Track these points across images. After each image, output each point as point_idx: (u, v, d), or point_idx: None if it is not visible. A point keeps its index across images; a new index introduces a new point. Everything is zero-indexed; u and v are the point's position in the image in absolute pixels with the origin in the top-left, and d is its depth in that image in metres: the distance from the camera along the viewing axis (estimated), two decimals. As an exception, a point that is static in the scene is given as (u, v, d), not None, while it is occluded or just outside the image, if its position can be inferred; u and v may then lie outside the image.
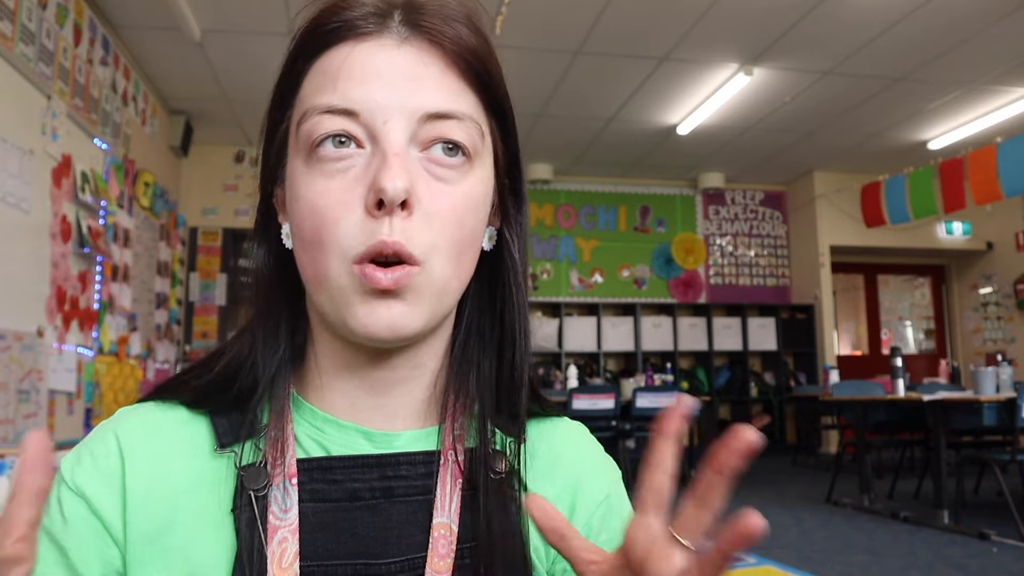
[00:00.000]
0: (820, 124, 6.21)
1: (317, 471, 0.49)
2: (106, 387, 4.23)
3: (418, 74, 0.47)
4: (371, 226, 0.45)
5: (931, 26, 4.52)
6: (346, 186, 0.46)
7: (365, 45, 0.47)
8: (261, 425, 0.50)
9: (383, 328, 0.46)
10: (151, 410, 0.52)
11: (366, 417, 0.52)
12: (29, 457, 0.33)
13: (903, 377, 4.44)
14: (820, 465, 6.55)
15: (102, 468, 0.48)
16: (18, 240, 3.22)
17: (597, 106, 5.81)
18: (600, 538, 0.55)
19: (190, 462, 0.49)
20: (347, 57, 0.47)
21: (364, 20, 0.47)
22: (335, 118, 0.46)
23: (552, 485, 0.55)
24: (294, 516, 0.47)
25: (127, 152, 4.69)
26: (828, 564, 3.15)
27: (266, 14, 4.32)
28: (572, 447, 0.59)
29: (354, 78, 0.46)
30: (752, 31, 4.62)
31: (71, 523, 0.47)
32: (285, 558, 0.46)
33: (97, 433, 0.51)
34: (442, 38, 0.47)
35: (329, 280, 0.47)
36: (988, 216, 7.61)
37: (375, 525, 0.49)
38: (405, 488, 0.50)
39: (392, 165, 0.45)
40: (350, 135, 0.46)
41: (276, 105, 0.51)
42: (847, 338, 8.52)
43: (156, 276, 5.32)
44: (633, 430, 5.51)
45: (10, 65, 3.17)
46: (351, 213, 0.46)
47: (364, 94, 0.46)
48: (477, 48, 0.49)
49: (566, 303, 7.35)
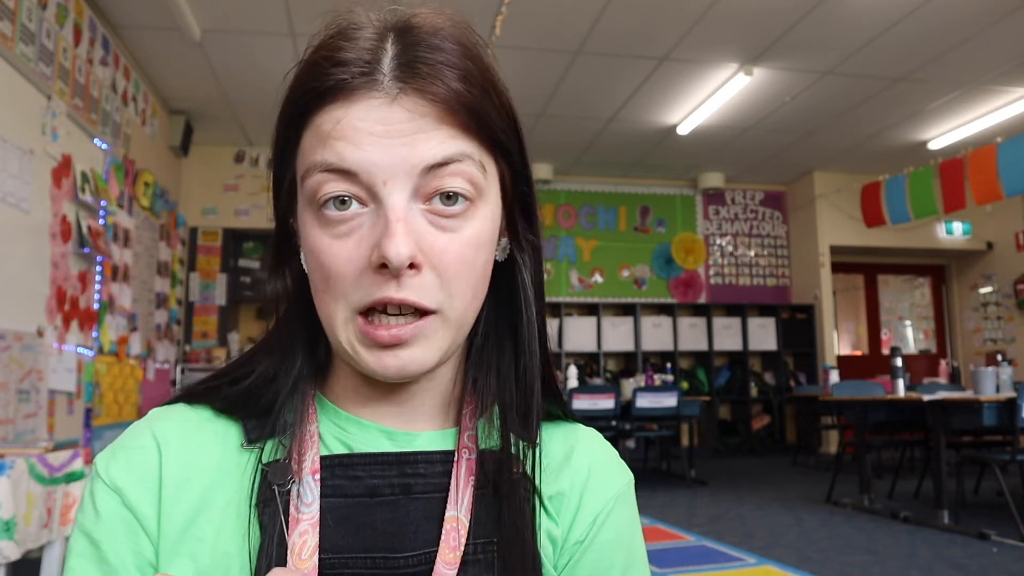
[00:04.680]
0: (820, 124, 6.21)
1: (339, 467, 0.51)
2: (106, 387, 4.23)
3: (412, 129, 0.47)
4: (377, 283, 0.47)
5: (931, 26, 4.52)
6: (352, 247, 0.47)
7: (357, 107, 0.47)
8: (287, 424, 0.53)
9: (394, 373, 0.49)
10: (183, 411, 0.54)
11: (387, 418, 0.54)
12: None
13: (903, 377, 4.44)
14: (820, 465, 6.55)
15: (137, 463, 0.50)
16: (18, 240, 3.22)
17: (597, 106, 5.81)
18: (601, 536, 0.56)
19: (219, 457, 0.52)
20: (341, 120, 0.47)
21: (352, 79, 0.47)
22: (335, 178, 0.47)
23: (560, 483, 0.57)
24: (315, 510, 0.49)
25: (127, 152, 4.69)
26: (828, 564, 3.15)
27: (266, 14, 4.31)
28: (585, 449, 0.59)
29: (348, 139, 0.46)
30: (752, 31, 4.62)
31: (104, 517, 0.49)
32: (305, 550, 0.47)
33: (133, 431, 0.53)
34: (432, 92, 0.47)
35: (336, 326, 0.49)
36: (988, 216, 7.61)
37: (393, 520, 0.50)
38: (423, 485, 0.52)
39: (395, 232, 0.45)
40: (352, 195, 0.47)
41: (278, 157, 0.53)
42: (847, 338, 8.52)
43: (156, 276, 5.32)
44: (633, 430, 5.52)
45: (10, 65, 3.17)
46: (357, 271, 0.47)
47: (360, 155, 0.46)
48: (469, 89, 0.48)
49: (566, 303, 7.35)
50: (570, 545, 0.55)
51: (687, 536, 3.73)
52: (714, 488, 5.31)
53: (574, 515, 0.56)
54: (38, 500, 2.11)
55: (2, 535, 1.94)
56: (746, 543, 3.54)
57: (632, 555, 0.58)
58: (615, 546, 0.56)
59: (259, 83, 5.17)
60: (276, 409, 0.53)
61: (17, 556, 1.98)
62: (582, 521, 0.56)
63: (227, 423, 0.53)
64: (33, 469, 2.13)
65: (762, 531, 3.83)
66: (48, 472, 2.19)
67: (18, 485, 2.03)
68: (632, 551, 0.58)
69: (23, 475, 2.07)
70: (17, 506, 2.00)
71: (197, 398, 0.55)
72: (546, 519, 0.55)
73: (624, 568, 0.56)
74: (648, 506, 4.52)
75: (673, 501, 4.75)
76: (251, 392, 0.54)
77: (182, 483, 0.50)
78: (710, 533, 3.77)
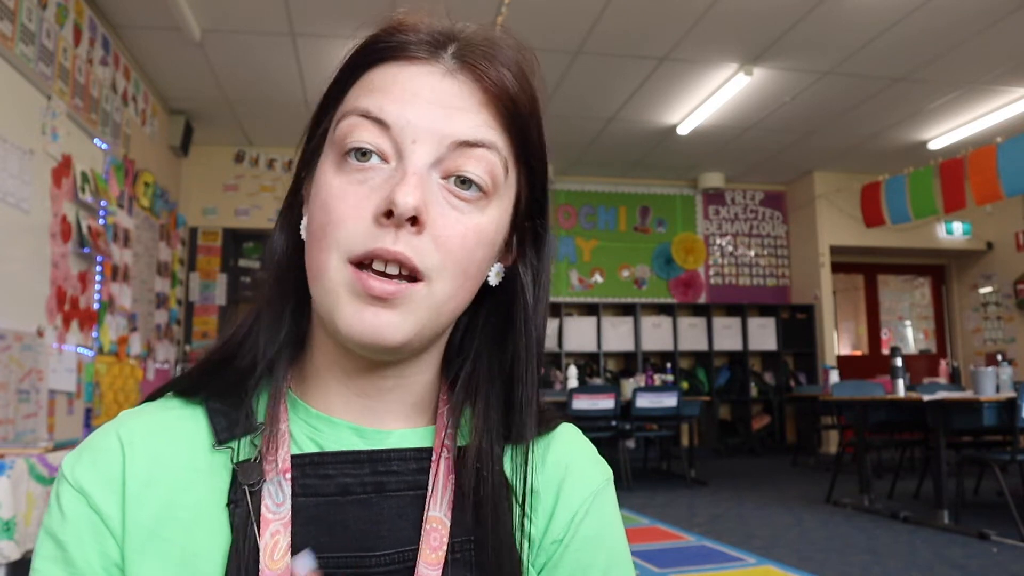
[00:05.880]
0: (820, 124, 6.21)
1: (310, 466, 0.51)
2: (106, 387, 4.23)
3: (456, 105, 0.49)
4: (375, 233, 0.47)
5: (931, 26, 4.52)
6: (363, 194, 0.48)
7: (412, 68, 0.49)
8: (257, 423, 0.52)
9: (368, 332, 0.47)
10: (151, 410, 0.54)
11: (358, 416, 0.54)
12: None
13: (903, 377, 4.44)
14: (820, 465, 6.55)
15: (101, 465, 0.50)
16: (18, 240, 3.22)
17: (597, 106, 5.81)
18: (580, 533, 0.56)
19: (188, 457, 0.51)
20: (393, 76, 0.49)
21: (417, 46, 0.50)
22: (368, 125, 0.48)
23: (537, 481, 0.56)
24: (287, 510, 0.49)
25: (127, 152, 4.69)
26: (828, 564, 3.15)
27: (266, 14, 4.31)
28: (562, 446, 0.59)
29: (393, 94, 0.49)
30: (752, 31, 4.62)
31: (69, 519, 0.48)
32: (277, 551, 0.47)
33: (99, 433, 0.53)
34: (485, 77, 0.49)
35: (325, 274, 0.48)
36: (988, 216, 7.61)
37: (367, 519, 0.50)
38: (396, 483, 0.52)
39: (409, 182, 0.46)
40: (378, 148, 0.48)
41: (322, 108, 0.54)
42: (847, 338, 8.52)
43: (156, 276, 5.32)
44: (633, 430, 5.51)
45: (10, 65, 3.17)
46: (360, 219, 0.47)
47: (399, 110, 0.48)
48: (518, 94, 0.51)
49: (566, 303, 7.35)
50: (548, 544, 0.55)
51: (687, 536, 3.73)
52: (714, 488, 5.31)
53: (551, 513, 0.56)
54: (38, 500, 2.11)
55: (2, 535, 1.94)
56: (746, 543, 3.54)
57: (614, 552, 0.57)
58: (595, 544, 0.56)
59: (259, 83, 5.17)
60: (247, 392, 0.53)
61: (17, 556, 1.98)
62: (560, 519, 0.56)
63: (198, 422, 0.53)
64: (33, 469, 2.13)
65: (762, 531, 3.83)
66: (48, 472, 2.20)
67: (18, 485, 2.03)
68: (613, 548, 0.57)
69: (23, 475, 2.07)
70: (17, 506, 2.00)
71: (165, 388, 0.55)
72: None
73: (606, 566, 0.56)
74: (648, 506, 4.52)
75: (673, 501, 4.75)
76: (218, 359, 0.54)
77: (147, 484, 0.49)
78: (710, 533, 3.77)
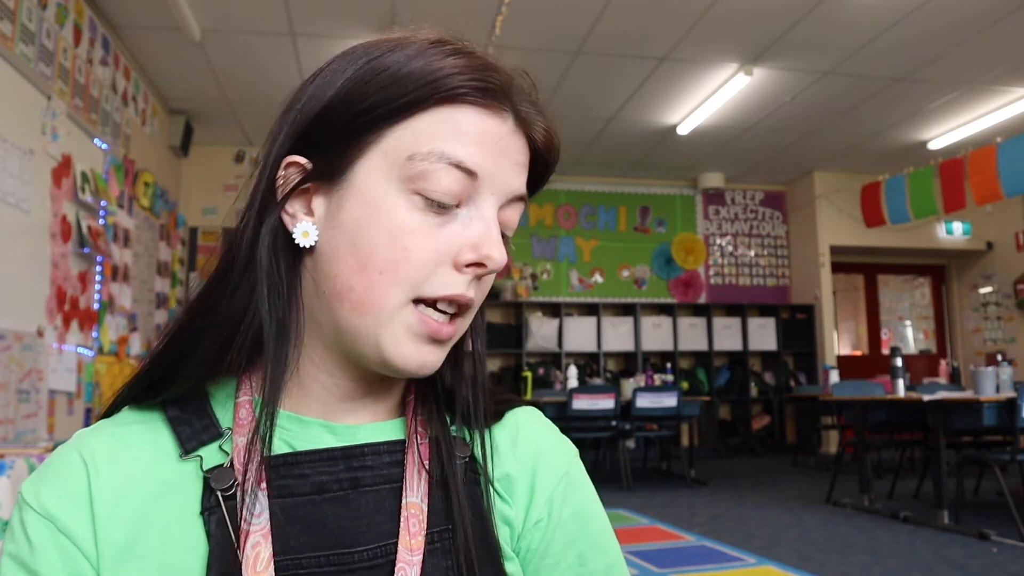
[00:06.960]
0: (820, 124, 6.21)
1: (284, 467, 0.51)
2: (106, 387, 4.23)
3: (521, 162, 0.53)
4: (456, 279, 0.50)
5: (931, 26, 4.52)
6: (442, 239, 0.50)
7: (496, 119, 0.51)
8: (224, 428, 0.52)
9: (417, 367, 0.51)
10: (107, 427, 0.52)
11: (326, 412, 0.54)
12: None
13: (903, 377, 4.44)
14: (820, 465, 6.55)
15: (67, 486, 0.49)
16: (18, 240, 3.22)
17: (597, 106, 5.81)
18: (563, 512, 0.57)
19: (154, 469, 0.50)
20: (482, 122, 0.51)
21: (496, 92, 0.51)
22: (458, 174, 0.49)
23: (512, 466, 0.58)
24: (265, 519, 0.48)
25: (127, 152, 4.69)
26: (828, 564, 3.15)
27: (266, 14, 4.31)
28: (528, 430, 0.61)
29: (483, 144, 0.50)
30: (752, 31, 4.62)
31: (38, 547, 0.47)
32: (260, 562, 0.47)
33: (58, 454, 0.51)
34: (533, 138, 0.54)
35: (381, 308, 0.49)
36: (988, 216, 7.61)
37: (345, 516, 0.50)
38: (372, 478, 0.52)
39: (493, 235, 0.50)
40: (460, 198, 0.50)
41: (367, 111, 0.49)
42: (847, 338, 8.52)
43: (156, 276, 5.32)
44: (633, 430, 5.51)
45: (10, 65, 3.17)
46: (440, 263, 0.50)
47: (492, 166, 0.51)
48: (553, 162, 0.57)
49: (566, 303, 7.35)
50: (530, 526, 0.56)
51: (687, 536, 3.73)
52: (714, 488, 5.31)
53: (530, 496, 0.57)
54: (38, 500, 2.11)
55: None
56: (746, 543, 3.54)
57: (597, 519, 0.59)
58: (580, 519, 0.58)
59: (259, 83, 5.17)
60: (209, 414, 0.52)
61: (17, 556, 1.98)
62: (539, 501, 0.57)
63: (159, 432, 0.52)
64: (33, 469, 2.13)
65: (762, 531, 3.83)
66: (48, 472, 2.19)
67: (18, 485, 2.03)
68: (596, 516, 0.59)
69: (23, 475, 2.07)
70: (17, 506, 2.00)
71: (118, 402, 0.54)
72: (499, 502, 0.56)
73: (596, 535, 0.58)
74: (648, 506, 4.52)
75: (673, 501, 4.75)
76: (182, 395, 0.52)
77: (116, 500, 0.48)
78: (710, 533, 3.77)
